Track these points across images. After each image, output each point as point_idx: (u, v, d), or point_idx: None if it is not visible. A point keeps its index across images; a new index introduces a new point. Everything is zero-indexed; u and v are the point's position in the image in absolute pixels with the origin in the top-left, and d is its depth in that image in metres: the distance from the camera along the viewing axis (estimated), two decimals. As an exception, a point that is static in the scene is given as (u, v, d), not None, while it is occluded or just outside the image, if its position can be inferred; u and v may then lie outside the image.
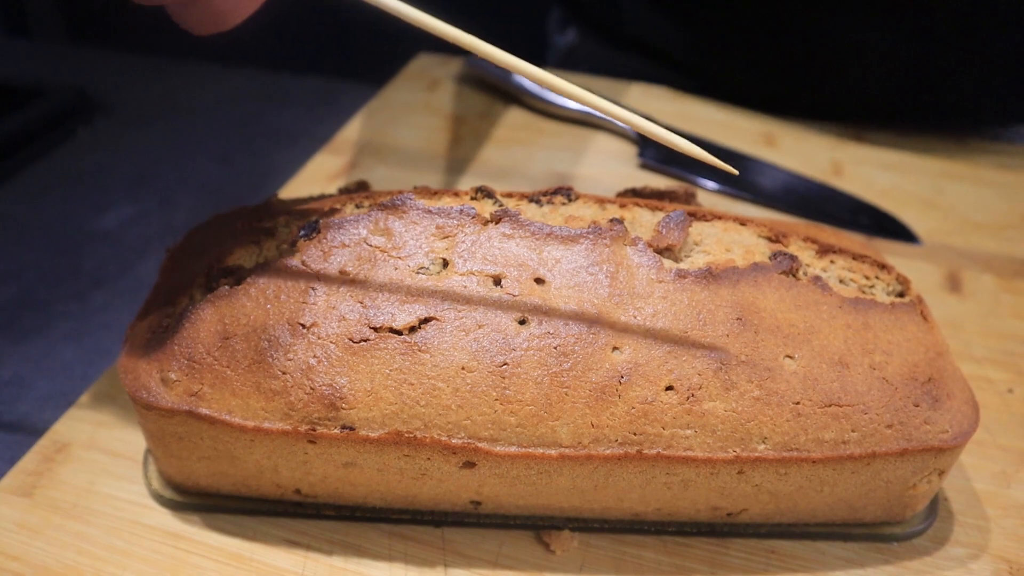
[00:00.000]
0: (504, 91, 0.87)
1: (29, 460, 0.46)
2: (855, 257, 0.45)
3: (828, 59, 0.82)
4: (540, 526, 0.43)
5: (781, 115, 0.85)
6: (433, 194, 0.44)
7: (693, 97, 0.89)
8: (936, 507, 0.46)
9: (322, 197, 0.48)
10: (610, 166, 0.77)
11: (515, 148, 0.80)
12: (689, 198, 0.50)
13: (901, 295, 0.44)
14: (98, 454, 0.47)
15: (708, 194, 0.74)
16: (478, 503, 0.42)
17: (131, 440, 0.47)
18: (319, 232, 0.41)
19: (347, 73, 0.95)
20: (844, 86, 0.84)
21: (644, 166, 0.77)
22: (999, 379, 0.55)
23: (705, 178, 0.75)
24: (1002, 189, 0.77)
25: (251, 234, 0.44)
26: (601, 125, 0.82)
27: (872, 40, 0.80)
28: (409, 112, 0.86)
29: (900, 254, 0.68)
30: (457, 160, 0.78)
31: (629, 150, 0.80)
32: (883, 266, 0.45)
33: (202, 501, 0.44)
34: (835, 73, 0.83)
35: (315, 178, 0.73)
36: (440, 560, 0.42)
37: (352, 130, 0.82)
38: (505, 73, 0.86)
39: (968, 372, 0.56)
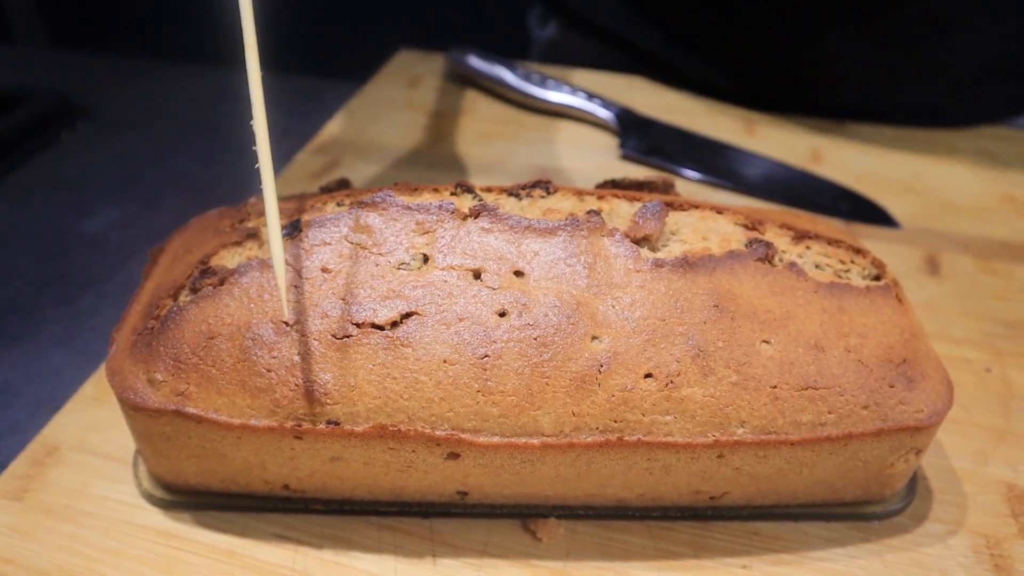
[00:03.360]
0: (485, 86, 0.88)
1: (19, 464, 0.47)
2: (830, 242, 0.45)
3: (798, 60, 0.84)
4: (526, 515, 0.44)
5: (760, 109, 0.87)
6: (413, 190, 0.44)
7: (674, 88, 0.90)
8: (915, 485, 0.47)
9: (303, 196, 0.48)
10: (592, 158, 0.78)
11: (497, 142, 0.80)
12: (667, 188, 0.50)
13: (877, 278, 0.45)
14: (88, 456, 0.47)
15: (690, 184, 0.75)
16: (464, 493, 0.42)
17: (120, 442, 0.48)
18: (300, 231, 0.42)
19: (328, 71, 0.96)
20: (817, 85, 0.86)
21: (626, 157, 0.77)
22: (976, 359, 0.56)
23: (686, 168, 0.76)
24: (980, 172, 0.78)
25: (233, 235, 0.44)
26: (581, 117, 0.83)
27: (841, 43, 0.82)
28: (391, 109, 0.86)
29: (880, 238, 0.69)
30: (440, 156, 0.79)
31: (610, 141, 0.80)
32: (858, 250, 0.46)
33: (192, 499, 0.44)
34: (806, 73, 0.85)
35: (298, 176, 0.74)
36: (429, 551, 0.43)
37: (334, 128, 0.82)
38: (486, 68, 0.86)
39: (946, 352, 0.57)
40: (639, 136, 0.79)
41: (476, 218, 0.41)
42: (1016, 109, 0.87)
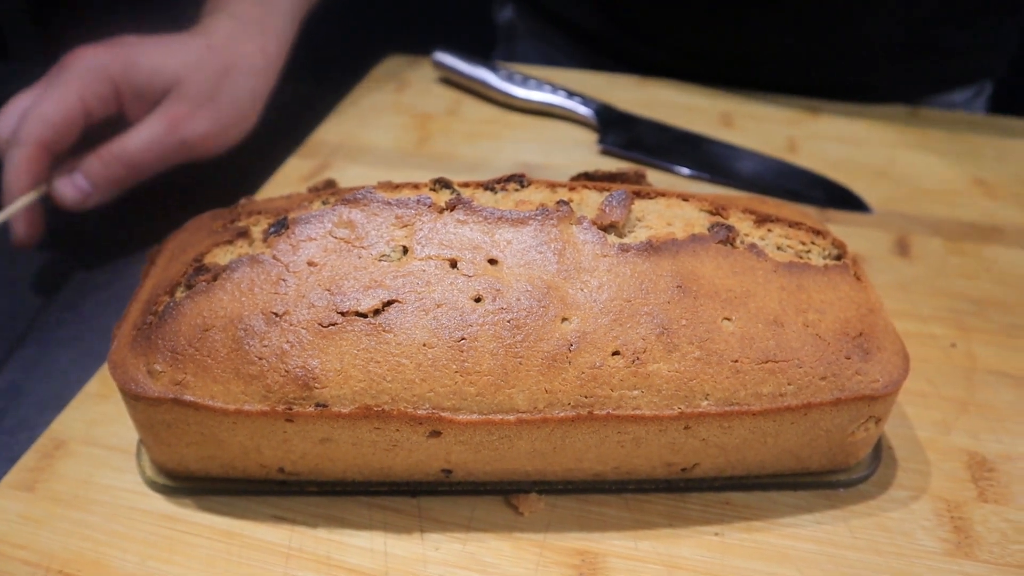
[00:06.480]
0: (470, 88, 0.90)
1: (29, 457, 0.49)
2: (791, 225, 0.48)
3: (724, 40, 0.91)
4: (508, 491, 0.46)
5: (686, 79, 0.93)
6: (394, 187, 0.47)
7: (655, 82, 0.92)
8: (880, 454, 0.49)
9: (291, 196, 0.51)
10: (573, 154, 0.80)
11: (482, 142, 0.83)
12: (639, 179, 0.53)
13: (839, 258, 0.47)
14: (94, 448, 0.50)
15: (669, 176, 0.77)
16: (449, 471, 0.45)
17: (123, 434, 0.50)
18: (288, 228, 0.44)
19: (317, 77, 0.98)
20: (742, 63, 0.92)
21: (605, 152, 0.80)
22: (942, 335, 0.59)
23: (665, 161, 0.78)
24: (950, 157, 0.81)
25: (225, 234, 0.46)
26: (563, 115, 0.85)
27: (768, 28, 0.88)
28: (379, 112, 0.89)
29: (852, 223, 0.71)
30: (427, 156, 0.81)
31: (590, 137, 0.83)
32: (818, 232, 0.48)
33: (193, 485, 0.47)
34: (737, 52, 0.92)
35: (289, 180, 0.76)
36: (417, 527, 0.45)
37: (324, 132, 0.85)
38: (469, 71, 0.89)
39: (913, 329, 0.59)
40: (618, 131, 0.81)
41: (452, 211, 0.44)
42: (939, 84, 0.93)
